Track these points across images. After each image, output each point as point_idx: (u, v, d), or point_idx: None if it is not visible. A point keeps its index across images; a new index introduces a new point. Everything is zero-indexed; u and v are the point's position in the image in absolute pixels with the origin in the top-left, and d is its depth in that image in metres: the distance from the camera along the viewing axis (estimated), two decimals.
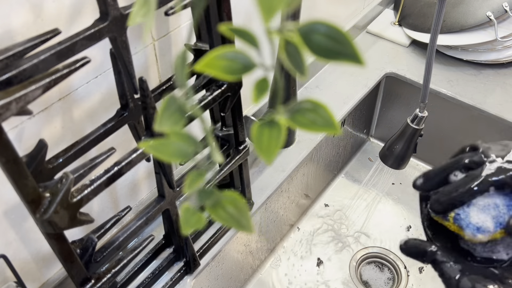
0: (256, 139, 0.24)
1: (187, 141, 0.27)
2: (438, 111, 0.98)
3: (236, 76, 0.24)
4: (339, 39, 0.22)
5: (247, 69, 0.24)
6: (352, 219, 1.00)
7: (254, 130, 0.25)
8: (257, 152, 0.24)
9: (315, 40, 0.22)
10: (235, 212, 0.28)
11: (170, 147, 0.27)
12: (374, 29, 1.09)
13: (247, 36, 0.24)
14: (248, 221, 0.27)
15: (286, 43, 0.23)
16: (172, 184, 0.56)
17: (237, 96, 0.59)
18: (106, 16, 0.42)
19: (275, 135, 0.24)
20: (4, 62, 0.35)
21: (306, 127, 0.24)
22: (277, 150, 0.24)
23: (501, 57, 0.96)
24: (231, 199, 0.28)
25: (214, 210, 0.28)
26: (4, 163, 0.36)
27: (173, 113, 0.27)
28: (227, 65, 0.24)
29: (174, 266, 0.68)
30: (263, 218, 0.83)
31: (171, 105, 0.27)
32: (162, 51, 0.59)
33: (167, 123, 0.27)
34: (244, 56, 0.24)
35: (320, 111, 0.24)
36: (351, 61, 0.22)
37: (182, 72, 0.27)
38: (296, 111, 0.25)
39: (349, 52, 0.22)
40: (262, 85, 0.25)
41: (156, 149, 0.27)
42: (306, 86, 0.97)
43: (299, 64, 0.23)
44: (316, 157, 0.92)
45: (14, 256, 0.53)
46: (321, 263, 0.92)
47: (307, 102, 0.25)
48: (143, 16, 0.28)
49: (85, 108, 0.53)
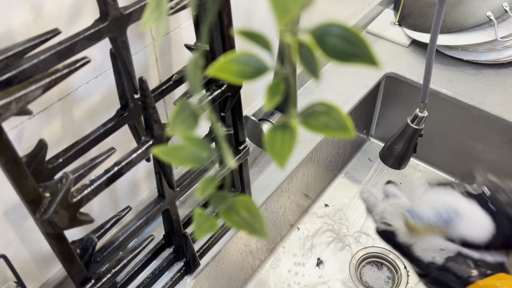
0: (269, 143, 0.24)
1: (201, 146, 0.27)
2: (438, 111, 0.98)
3: (249, 80, 0.24)
4: (353, 41, 0.22)
5: (260, 72, 0.24)
6: (352, 219, 1.00)
7: (267, 134, 0.24)
8: (270, 156, 0.24)
9: (329, 42, 0.22)
10: (248, 216, 0.27)
11: (183, 152, 0.27)
12: (374, 29, 1.09)
13: (260, 39, 0.24)
14: (262, 225, 0.27)
15: (299, 46, 0.22)
16: (172, 184, 0.56)
17: (237, 96, 0.59)
18: (106, 16, 0.42)
19: (288, 139, 0.24)
20: (4, 62, 0.35)
21: (319, 131, 0.24)
22: (290, 154, 0.24)
23: (501, 57, 0.96)
24: (244, 203, 0.28)
25: (227, 215, 0.28)
26: (4, 163, 0.36)
27: (186, 118, 0.27)
28: (240, 69, 0.24)
29: (174, 266, 0.68)
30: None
31: (184, 110, 0.27)
32: (162, 51, 0.59)
33: (180, 128, 0.26)
34: (257, 59, 0.24)
35: (334, 113, 0.24)
36: (366, 62, 0.22)
37: (196, 76, 0.26)
38: (309, 114, 0.24)
39: (364, 53, 0.22)
40: (276, 89, 0.24)
41: (169, 154, 0.27)
42: (306, 86, 0.97)
43: (313, 67, 0.22)
44: (316, 157, 0.92)
45: (14, 256, 0.53)
46: (321, 263, 0.92)
47: (320, 105, 0.24)
48: (156, 20, 0.27)
49: (85, 108, 0.53)
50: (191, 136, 0.27)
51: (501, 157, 0.96)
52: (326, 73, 1.00)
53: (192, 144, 0.27)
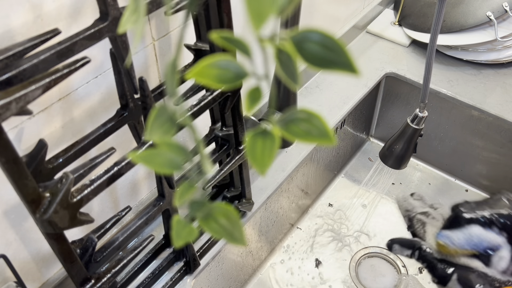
0: (250, 150, 0.24)
1: (178, 152, 0.27)
2: (438, 111, 0.99)
3: (228, 85, 0.24)
4: (332, 48, 0.21)
5: (239, 77, 0.24)
6: (352, 219, 1.00)
7: (247, 140, 0.24)
8: (251, 162, 0.24)
9: (308, 48, 0.22)
10: (227, 224, 0.27)
11: (160, 158, 0.26)
12: (374, 29, 1.09)
13: (239, 44, 0.23)
14: (241, 233, 0.27)
15: (278, 52, 0.22)
16: (172, 184, 0.56)
17: (237, 96, 0.59)
18: (106, 16, 0.42)
19: (268, 146, 0.24)
20: (4, 62, 0.35)
21: (300, 138, 0.24)
22: (271, 161, 0.24)
23: (501, 57, 0.96)
24: (223, 210, 0.27)
25: (205, 222, 0.27)
26: (4, 163, 0.36)
27: (164, 122, 0.26)
28: (219, 73, 0.23)
29: (174, 266, 0.68)
30: (263, 218, 0.83)
31: (162, 114, 0.26)
32: (162, 51, 0.59)
33: (158, 133, 0.26)
34: (236, 64, 0.24)
35: (315, 121, 0.24)
36: (345, 70, 0.21)
37: (173, 80, 0.26)
38: (290, 121, 0.24)
39: (343, 60, 0.21)
40: (255, 94, 0.24)
41: (145, 159, 0.26)
42: (306, 86, 0.97)
43: (292, 73, 0.22)
44: (316, 157, 0.92)
45: (14, 256, 0.53)
46: (321, 263, 0.92)
47: (301, 112, 0.24)
48: (133, 22, 0.27)
49: (85, 108, 0.53)
50: (168, 141, 0.26)
51: (501, 157, 0.96)
52: (326, 73, 1.00)
53: (169, 149, 0.27)
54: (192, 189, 0.27)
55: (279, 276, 0.91)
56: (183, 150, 0.27)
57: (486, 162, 0.99)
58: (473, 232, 0.53)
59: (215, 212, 0.27)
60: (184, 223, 0.27)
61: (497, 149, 0.96)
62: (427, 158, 1.09)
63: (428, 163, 1.10)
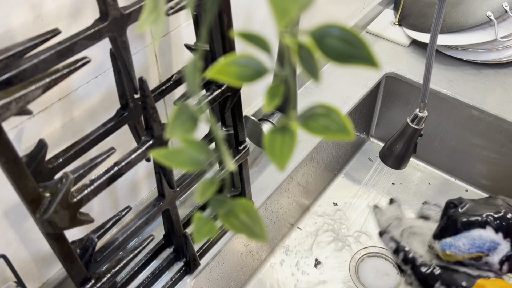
0: (269, 146, 0.24)
1: (199, 149, 0.27)
2: (438, 111, 0.98)
3: (249, 82, 0.24)
4: (353, 42, 0.21)
5: (260, 75, 0.24)
6: (352, 219, 1.00)
7: (266, 136, 0.24)
8: (270, 158, 0.24)
9: (329, 43, 0.22)
10: (248, 220, 0.27)
11: (182, 155, 0.26)
12: (374, 29, 1.09)
13: (260, 41, 0.23)
14: (262, 229, 0.27)
15: (299, 47, 0.22)
16: (172, 184, 0.56)
17: (237, 96, 0.59)
18: (106, 16, 0.42)
19: (287, 141, 0.24)
20: (4, 62, 0.35)
21: (319, 133, 0.24)
22: (290, 157, 0.24)
23: (501, 57, 0.96)
24: (244, 207, 0.27)
25: (227, 219, 0.27)
26: (4, 163, 0.36)
27: (185, 121, 0.26)
28: (239, 71, 0.23)
29: (174, 266, 0.68)
30: (263, 218, 0.83)
31: (183, 112, 0.26)
32: (162, 51, 0.59)
33: (179, 131, 0.26)
34: (256, 62, 0.24)
35: (334, 116, 0.24)
36: (366, 64, 0.21)
37: (194, 79, 0.26)
38: (308, 116, 0.24)
39: (364, 55, 0.21)
40: (275, 91, 0.24)
41: (168, 158, 0.26)
42: (306, 86, 0.97)
43: (312, 69, 0.22)
44: (316, 157, 0.92)
45: (14, 256, 0.53)
46: (321, 263, 0.92)
47: (320, 107, 0.24)
48: (152, 22, 0.27)
49: (85, 108, 0.53)
50: (190, 139, 0.27)
51: (501, 157, 0.96)
52: (326, 73, 1.00)
53: (191, 147, 0.27)
54: (213, 185, 0.27)
55: (279, 276, 0.91)
56: (204, 147, 0.27)
57: (486, 162, 0.99)
58: (474, 235, 0.54)
59: (236, 209, 0.27)
60: (205, 220, 0.28)
61: (497, 149, 0.96)
62: (427, 158, 1.09)
63: (428, 163, 1.10)
